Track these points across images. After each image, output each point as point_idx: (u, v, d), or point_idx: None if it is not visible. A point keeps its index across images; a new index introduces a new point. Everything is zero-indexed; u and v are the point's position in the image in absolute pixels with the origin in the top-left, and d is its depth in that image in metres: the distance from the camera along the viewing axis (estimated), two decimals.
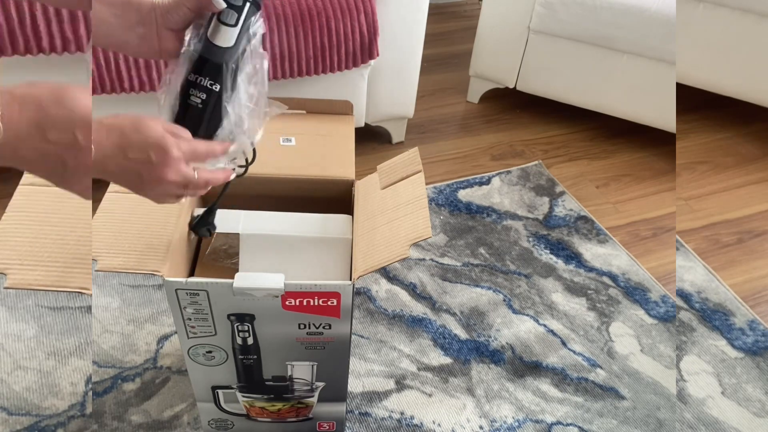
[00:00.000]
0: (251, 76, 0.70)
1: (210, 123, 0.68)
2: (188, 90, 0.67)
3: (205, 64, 0.67)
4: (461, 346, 1.24)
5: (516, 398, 1.15)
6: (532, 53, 1.79)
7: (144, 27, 0.65)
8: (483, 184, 1.65)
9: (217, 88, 0.67)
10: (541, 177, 1.69)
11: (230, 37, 0.67)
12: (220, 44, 0.66)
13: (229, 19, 0.66)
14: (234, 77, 0.68)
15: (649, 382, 1.20)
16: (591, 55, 1.72)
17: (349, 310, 0.81)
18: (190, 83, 0.67)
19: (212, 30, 0.67)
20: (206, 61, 0.67)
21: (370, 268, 0.78)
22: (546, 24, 1.71)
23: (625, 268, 1.44)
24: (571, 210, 1.59)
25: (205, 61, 0.67)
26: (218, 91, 0.67)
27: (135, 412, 1.07)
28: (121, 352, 1.16)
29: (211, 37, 0.66)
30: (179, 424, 1.06)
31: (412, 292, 1.34)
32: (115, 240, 0.78)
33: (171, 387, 1.11)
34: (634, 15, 1.61)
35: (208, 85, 0.67)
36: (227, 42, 0.67)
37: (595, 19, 1.65)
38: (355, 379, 1.16)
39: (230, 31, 0.67)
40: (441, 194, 1.61)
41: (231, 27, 0.66)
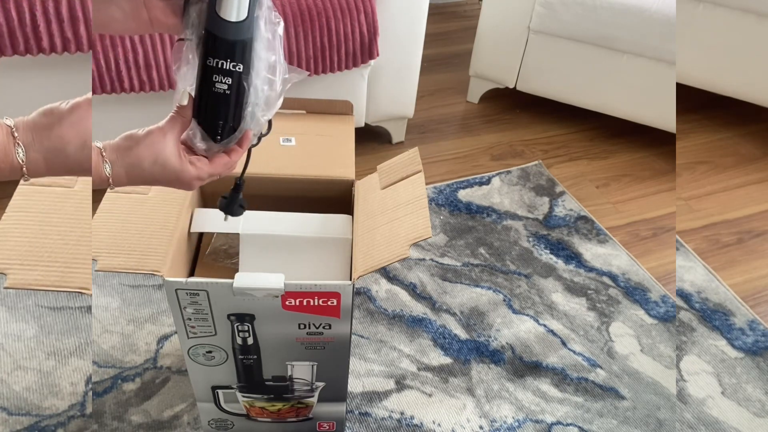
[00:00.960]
0: (269, 43, 0.64)
1: (237, 107, 0.63)
2: (210, 77, 0.61)
3: (222, 45, 0.60)
4: (461, 346, 1.24)
5: (516, 398, 1.15)
6: (532, 53, 1.79)
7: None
8: (483, 184, 1.65)
9: (240, 68, 0.61)
10: (541, 177, 1.69)
11: (242, 6, 0.60)
12: (233, 18, 0.59)
13: None
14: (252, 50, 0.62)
15: (649, 382, 1.20)
16: (591, 55, 1.72)
17: (349, 310, 0.81)
18: (211, 69, 0.61)
19: (220, 3, 0.59)
20: (222, 40, 0.60)
21: (370, 268, 0.78)
22: (546, 24, 1.71)
23: (625, 268, 1.44)
24: (571, 210, 1.59)
25: (222, 41, 0.60)
26: (241, 71, 0.61)
27: (135, 412, 1.07)
28: (121, 352, 1.16)
29: (219, 11, 0.59)
30: (179, 424, 1.06)
31: (412, 292, 1.34)
32: (115, 240, 0.78)
33: (171, 387, 1.11)
34: (634, 15, 1.61)
35: (230, 68, 0.61)
36: (240, 14, 0.60)
37: (595, 19, 1.65)
38: (355, 379, 1.16)
39: (241, 1, 0.60)
40: (441, 194, 1.61)
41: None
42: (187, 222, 0.87)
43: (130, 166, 0.58)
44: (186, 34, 0.61)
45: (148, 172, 0.59)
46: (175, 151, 0.61)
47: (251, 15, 0.60)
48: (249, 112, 0.64)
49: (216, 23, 0.59)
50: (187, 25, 0.61)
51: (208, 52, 0.60)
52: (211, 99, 0.62)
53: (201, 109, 0.63)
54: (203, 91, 0.62)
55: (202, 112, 0.63)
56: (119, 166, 0.58)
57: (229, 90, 0.61)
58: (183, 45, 0.62)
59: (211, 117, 0.63)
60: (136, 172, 0.59)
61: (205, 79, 0.61)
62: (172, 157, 0.60)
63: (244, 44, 0.61)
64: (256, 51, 0.62)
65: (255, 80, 0.63)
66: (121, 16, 0.59)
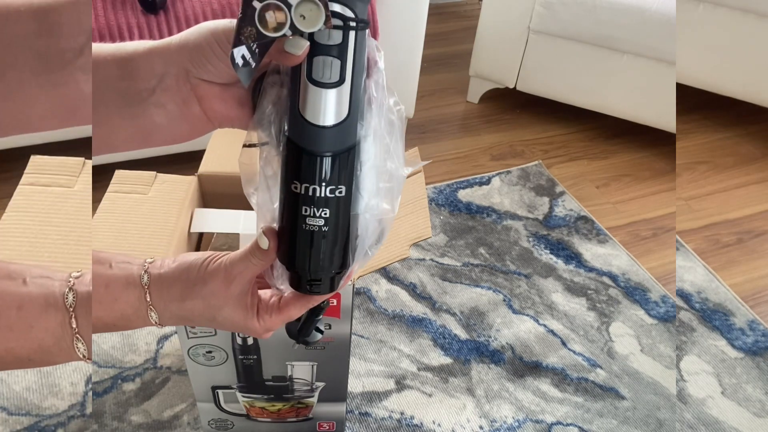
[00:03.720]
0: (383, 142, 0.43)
1: (340, 247, 0.44)
2: (299, 209, 0.42)
3: (312, 162, 0.41)
4: (461, 346, 1.24)
5: (516, 398, 1.15)
6: (532, 53, 1.79)
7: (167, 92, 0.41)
8: (483, 184, 1.65)
9: (342, 192, 0.42)
10: (541, 177, 1.69)
11: (341, 102, 0.39)
12: (327, 121, 0.39)
13: (329, 75, 0.39)
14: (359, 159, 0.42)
15: (649, 382, 1.20)
16: (591, 55, 1.72)
17: (349, 310, 0.81)
18: (298, 197, 0.42)
19: (306, 99, 0.39)
20: (312, 155, 0.40)
21: (370, 268, 0.78)
22: (546, 24, 1.71)
23: (625, 268, 1.44)
24: (571, 210, 1.59)
25: (310, 157, 0.40)
26: (344, 195, 0.42)
27: (135, 412, 1.07)
28: (121, 352, 1.16)
29: (306, 113, 0.40)
30: (179, 424, 1.06)
31: (412, 292, 1.34)
32: (115, 240, 0.78)
33: (171, 387, 1.11)
34: (634, 15, 1.61)
35: (327, 194, 0.41)
36: (339, 113, 0.40)
37: (594, 19, 1.65)
38: (355, 379, 1.16)
39: (339, 93, 0.39)
40: (441, 194, 1.61)
41: (336, 87, 0.39)
42: (187, 222, 0.87)
43: (181, 320, 0.47)
44: (256, 137, 0.43)
45: (204, 324, 0.48)
46: (241, 309, 0.47)
47: (354, 109, 0.40)
48: (355, 247, 0.45)
49: (301, 129, 0.40)
50: (259, 122, 0.42)
51: (292, 173, 0.42)
52: (302, 239, 0.43)
53: (288, 252, 0.44)
54: (290, 227, 0.43)
55: (289, 256, 0.45)
56: (168, 318, 0.46)
57: (327, 226, 0.42)
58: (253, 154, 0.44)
59: (302, 263, 0.44)
60: (188, 322, 0.48)
61: (290, 211, 0.43)
62: (235, 317, 0.47)
63: (348, 157, 0.41)
64: (366, 160, 0.43)
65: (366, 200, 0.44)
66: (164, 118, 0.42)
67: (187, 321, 0.47)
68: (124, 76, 0.41)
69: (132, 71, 0.41)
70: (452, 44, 2.31)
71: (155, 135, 0.43)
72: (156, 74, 0.41)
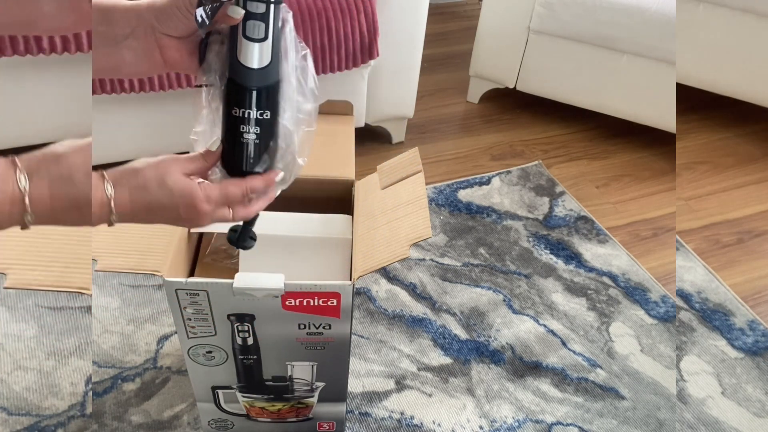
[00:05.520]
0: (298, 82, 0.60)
1: (268, 154, 0.60)
2: (237, 127, 0.58)
3: (247, 93, 0.57)
4: (461, 346, 1.24)
5: (516, 398, 1.15)
6: (532, 53, 1.79)
7: (137, 39, 0.56)
8: (483, 184, 1.65)
9: (268, 115, 0.58)
10: (541, 177, 1.69)
11: (265, 52, 0.56)
12: (256, 65, 0.56)
13: (257, 33, 0.55)
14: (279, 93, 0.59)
15: (649, 382, 1.20)
16: (591, 55, 1.72)
17: (349, 310, 0.81)
18: (237, 119, 0.58)
19: (242, 50, 0.56)
20: (246, 89, 0.57)
21: (370, 268, 0.78)
22: (546, 24, 1.71)
23: (625, 268, 1.44)
24: (571, 210, 1.59)
25: (246, 90, 0.57)
26: (270, 118, 0.58)
27: (135, 412, 1.07)
28: (121, 352, 1.16)
29: (243, 59, 0.56)
30: (179, 424, 1.06)
31: (412, 292, 1.34)
32: (115, 240, 0.78)
33: (171, 387, 1.11)
34: (634, 15, 1.61)
35: (258, 116, 0.57)
36: (263, 60, 0.56)
37: (595, 19, 1.65)
38: (355, 379, 1.16)
39: (263, 46, 0.56)
40: (441, 194, 1.61)
41: (262, 41, 0.56)
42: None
43: (135, 189, 0.54)
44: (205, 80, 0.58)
45: (155, 197, 0.55)
46: (186, 176, 0.57)
47: (275, 58, 0.57)
48: (281, 157, 0.61)
49: (238, 71, 0.56)
50: (207, 69, 0.59)
51: (233, 101, 0.57)
52: (238, 149, 0.59)
53: (229, 159, 0.60)
54: (230, 141, 0.59)
55: (230, 162, 0.60)
56: (123, 189, 0.53)
57: (258, 139, 0.58)
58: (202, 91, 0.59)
59: (239, 167, 0.60)
60: (141, 195, 0.54)
61: (231, 129, 0.58)
62: (182, 180, 0.56)
63: (270, 90, 0.57)
64: (284, 93, 0.59)
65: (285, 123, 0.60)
66: (133, 58, 0.56)
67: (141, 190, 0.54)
68: (103, 22, 0.55)
69: (110, 20, 0.55)
70: (452, 44, 2.31)
71: (123, 69, 0.57)
72: (130, 25, 0.55)
